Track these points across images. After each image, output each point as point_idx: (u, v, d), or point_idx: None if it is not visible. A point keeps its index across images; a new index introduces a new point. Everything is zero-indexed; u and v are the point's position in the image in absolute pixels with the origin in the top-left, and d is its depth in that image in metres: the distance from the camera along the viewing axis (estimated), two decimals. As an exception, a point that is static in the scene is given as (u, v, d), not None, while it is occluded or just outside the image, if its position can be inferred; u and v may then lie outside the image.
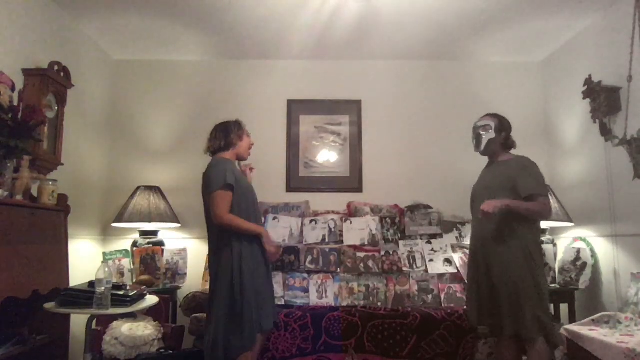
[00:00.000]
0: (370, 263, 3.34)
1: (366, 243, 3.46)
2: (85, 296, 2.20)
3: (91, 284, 2.25)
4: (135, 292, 2.39)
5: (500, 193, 2.41)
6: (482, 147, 2.59)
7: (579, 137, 3.53)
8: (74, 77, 3.11)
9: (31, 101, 2.66)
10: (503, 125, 2.56)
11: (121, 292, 2.31)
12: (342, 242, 3.49)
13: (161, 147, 3.98)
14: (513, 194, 2.39)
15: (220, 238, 2.39)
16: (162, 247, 3.55)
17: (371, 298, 3.18)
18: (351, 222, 3.56)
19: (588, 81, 3.18)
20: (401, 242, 3.47)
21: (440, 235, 3.54)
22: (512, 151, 2.62)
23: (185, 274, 3.55)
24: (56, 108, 2.98)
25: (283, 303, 3.14)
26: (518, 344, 2.46)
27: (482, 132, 2.58)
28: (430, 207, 3.66)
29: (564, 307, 3.31)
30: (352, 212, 3.70)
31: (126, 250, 3.60)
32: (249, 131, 2.67)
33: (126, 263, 3.51)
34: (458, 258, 3.37)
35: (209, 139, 2.60)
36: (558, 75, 3.84)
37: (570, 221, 3.39)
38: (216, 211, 2.33)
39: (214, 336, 2.27)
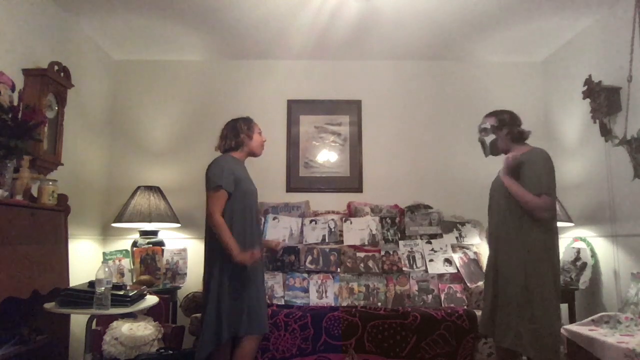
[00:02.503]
0: (370, 263, 3.34)
1: (366, 243, 3.46)
2: (85, 296, 2.20)
3: (91, 284, 2.25)
4: (135, 292, 2.38)
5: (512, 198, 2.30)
6: (487, 152, 2.50)
7: (579, 137, 3.53)
8: (74, 77, 3.11)
9: (31, 101, 2.66)
10: (502, 122, 2.43)
11: (121, 292, 2.30)
12: (342, 242, 3.50)
13: (161, 147, 3.98)
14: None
15: (212, 236, 2.41)
16: (162, 247, 3.54)
17: (371, 298, 3.18)
18: (351, 222, 3.56)
19: (588, 81, 3.18)
20: (401, 242, 3.47)
21: (440, 235, 3.54)
22: (530, 141, 2.46)
23: (185, 274, 3.54)
24: (56, 108, 2.98)
25: (283, 303, 3.14)
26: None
27: (483, 137, 2.50)
28: (430, 207, 3.66)
29: (564, 307, 3.28)
30: (352, 212, 3.70)
31: (126, 250, 3.60)
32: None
33: (126, 263, 3.51)
34: (458, 258, 3.37)
35: (220, 137, 2.60)
36: (558, 75, 3.84)
37: (570, 221, 3.39)
38: (209, 209, 2.37)
39: (200, 334, 2.37)
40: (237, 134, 2.55)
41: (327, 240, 3.50)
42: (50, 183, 2.65)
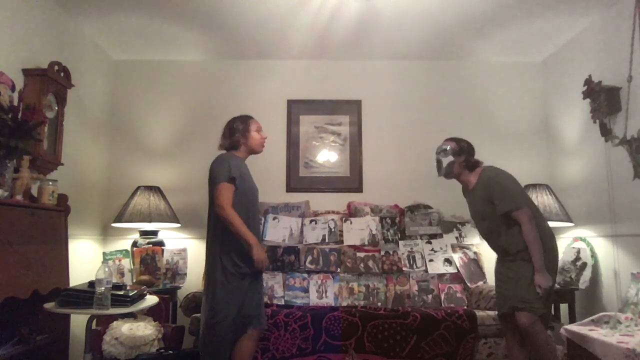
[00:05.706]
0: (370, 263, 3.34)
1: (366, 243, 3.47)
2: (85, 296, 2.20)
3: (91, 284, 2.25)
4: (135, 292, 2.38)
5: (496, 218, 2.44)
6: (442, 172, 2.63)
7: (579, 137, 3.53)
8: (74, 77, 3.11)
9: (31, 101, 2.65)
10: (462, 149, 2.57)
11: (121, 292, 2.30)
12: (342, 242, 3.50)
13: (161, 147, 3.98)
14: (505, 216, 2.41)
15: (223, 229, 2.40)
16: (162, 247, 3.55)
17: (371, 298, 3.18)
18: (351, 222, 3.56)
19: (588, 81, 3.18)
20: (401, 242, 3.48)
21: (440, 235, 3.54)
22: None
23: (185, 274, 3.55)
24: (56, 108, 2.98)
25: (283, 303, 3.14)
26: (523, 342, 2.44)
27: (441, 157, 2.62)
28: (430, 207, 3.66)
29: (564, 307, 3.31)
30: (352, 212, 3.70)
31: (126, 250, 3.60)
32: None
33: (126, 263, 3.51)
34: (458, 258, 3.38)
35: (221, 137, 2.60)
36: (558, 75, 3.84)
37: (570, 221, 3.39)
38: (219, 202, 2.32)
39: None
40: (232, 134, 2.54)
41: (327, 240, 3.50)
42: (50, 183, 2.65)
